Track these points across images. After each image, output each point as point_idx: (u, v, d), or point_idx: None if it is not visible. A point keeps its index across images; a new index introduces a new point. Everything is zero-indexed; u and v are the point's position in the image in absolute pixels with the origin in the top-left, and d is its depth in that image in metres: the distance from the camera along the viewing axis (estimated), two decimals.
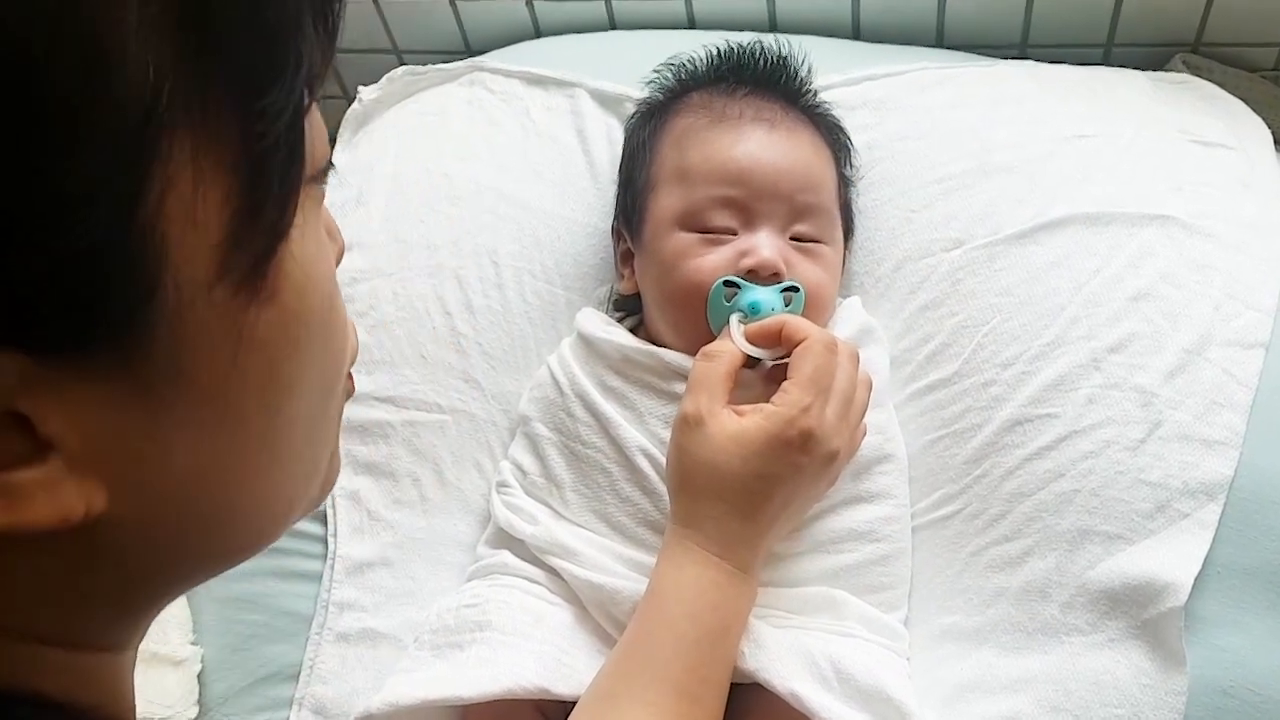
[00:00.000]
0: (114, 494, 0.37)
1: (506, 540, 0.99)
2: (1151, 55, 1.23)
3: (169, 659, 1.00)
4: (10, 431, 0.35)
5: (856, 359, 0.90)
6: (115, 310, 0.35)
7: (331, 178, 1.25)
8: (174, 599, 0.47)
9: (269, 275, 0.39)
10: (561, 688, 0.88)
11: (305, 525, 1.05)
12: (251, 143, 0.36)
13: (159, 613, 0.48)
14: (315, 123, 0.41)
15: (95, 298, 0.34)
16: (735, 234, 0.96)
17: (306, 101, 0.38)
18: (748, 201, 0.96)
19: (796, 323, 0.90)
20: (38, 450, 0.35)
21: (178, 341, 0.36)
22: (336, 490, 1.05)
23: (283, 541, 1.02)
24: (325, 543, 1.05)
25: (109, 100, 0.32)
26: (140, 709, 0.49)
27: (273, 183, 0.37)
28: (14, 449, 0.35)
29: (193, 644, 1.03)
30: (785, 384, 0.86)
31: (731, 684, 0.85)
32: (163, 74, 0.33)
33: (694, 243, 0.96)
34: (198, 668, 1.02)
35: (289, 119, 0.37)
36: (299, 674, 1.01)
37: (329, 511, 1.05)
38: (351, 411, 1.05)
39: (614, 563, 0.94)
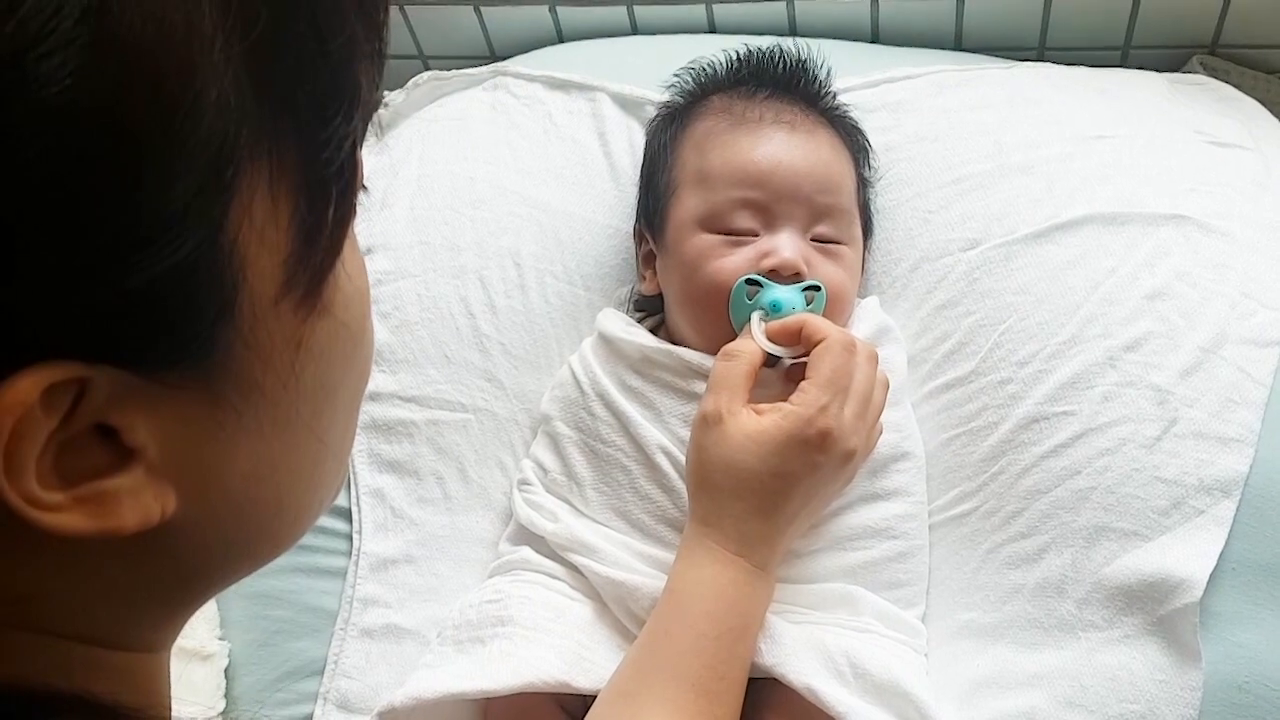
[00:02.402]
0: (183, 497, 0.40)
1: (528, 537, 1.00)
2: (1169, 57, 1.23)
3: (197, 653, 1.01)
4: (101, 442, 0.37)
5: (875, 359, 0.91)
6: (200, 327, 0.37)
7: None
8: (212, 597, 0.49)
9: (325, 290, 0.41)
10: (582, 681, 0.88)
11: (330, 522, 1.06)
12: (317, 168, 0.39)
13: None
14: None
15: (183, 316, 0.36)
16: (757, 235, 0.97)
17: (362, 129, 0.41)
18: (769, 203, 0.97)
19: (816, 322, 0.90)
20: (122, 459, 0.38)
21: (249, 353, 0.39)
22: (361, 488, 1.06)
23: (308, 538, 1.04)
24: (350, 539, 1.05)
25: (195, 135, 0.34)
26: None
27: (333, 204, 0.40)
28: (104, 459, 0.37)
29: (220, 639, 1.04)
30: (803, 383, 0.87)
31: (748, 679, 0.86)
32: (242, 109, 0.35)
33: (716, 244, 0.97)
34: (225, 662, 1.03)
35: (349, 145, 0.40)
36: (324, 669, 1.01)
37: (353, 509, 1.05)
38: (376, 411, 1.07)
39: (633, 559, 0.94)
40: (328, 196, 0.39)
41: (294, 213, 0.38)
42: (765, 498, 0.85)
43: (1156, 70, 1.17)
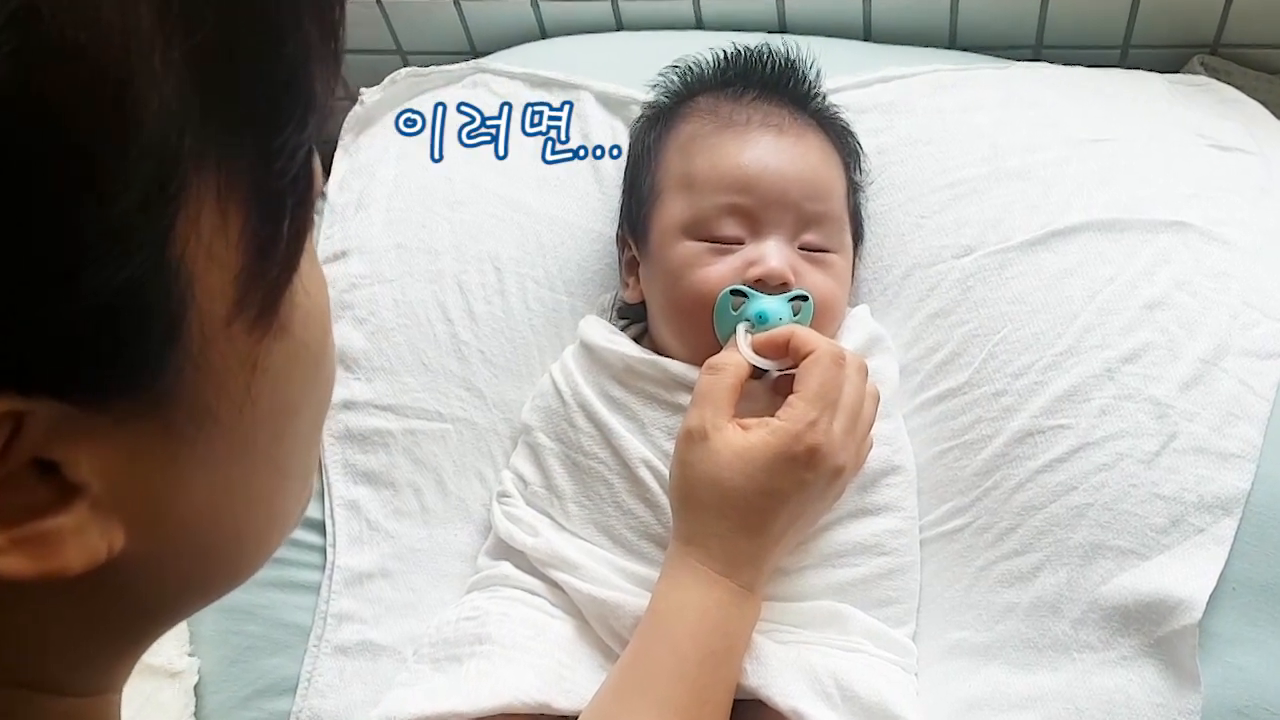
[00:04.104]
0: (132, 532, 0.38)
1: (507, 551, 0.98)
2: (1169, 57, 1.22)
3: (165, 671, 1.00)
4: (41, 479, 0.35)
5: (865, 372, 0.89)
6: (145, 352, 0.35)
7: (332, 182, 1.24)
8: (166, 632, 0.47)
9: (281, 307, 0.39)
10: (562, 702, 0.87)
11: (304, 535, 1.04)
12: (270, 178, 0.37)
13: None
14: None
15: (126, 342, 0.34)
16: (742, 243, 0.95)
17: (317, 136, 0.39)
18: (755, 210, 0.95)
19: (804, 334, 0.89)
20: (65, 496, 0.36)
21: (200, 378, 0.37)
22: (335, 499, 1.04)
23: (281, 551, 1.01)
24: (324, 553, 1.04)
25: (136, 146, 0.32)
26: None
27: (288, 216, 0.38)
28: (45, 496, 0.35)
29: (190, 655, 1.02)
30: (791, 398, 0.86)
31: (733, 700, 0.84)
32: (187, 117, 0.33)
33: (700, 252, 0.95)
34: (194, 680, 1.01)
35: (303, 155, 0.38)
36: (297, 687, 1.00)
37: (327, 521, 1.04)
38: (351, 420, 1.06)
39: (615, 576, 0.93)
40: (281, 208, 0.38)
41: (246, 226, 0.36)
42: (751, 516, 0.84)
43: (1156, 71, 1.16)
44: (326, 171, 1.20)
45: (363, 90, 1.20)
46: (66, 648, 0.41)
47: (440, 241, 1.10)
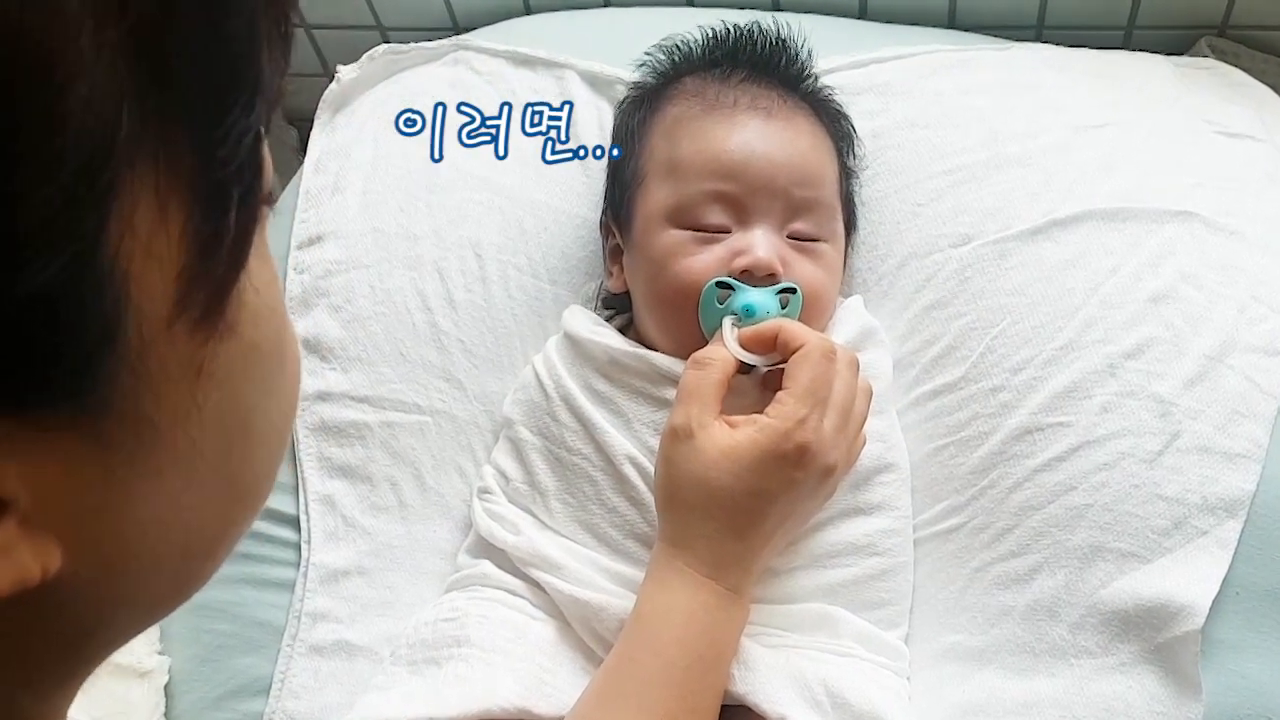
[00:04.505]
0: (69, 551, 0.36)
1: (487, 550, 0.97)
2: (1175, 39, 1.21)
3: (134, 670, 0.98)
4: None
5: (856, 367, 0.87)
6: (76, 358, 0.33)
7: (308, 163, 1.21)
8: (111, 654, 0.45)
9: (228, 306, 0.37)
10: (543, 708, 0.86)
11: (278, 531, 1.02)
12: (213, 169, 0.35)
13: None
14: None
15: (56, 346, 0.32)
16: (729, 232, 0.93)
17: (266, 122, 0.37)
18: (742, 197, 0.93)
19: (793, 328, 0.87)
20: None
21: (139, 385, 0.35)
22: (310, 494, 1.02)
23: (254, 547, 1.01)
24: (298, 549, 1.02)
25: (62, 137, 0.30)
26: None
27: (233, 210, 0.36)
28: None
29: (160, 654, 1.00)
30: (780, 394, 0.84)
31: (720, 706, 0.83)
32: (120, 102, 0.31)
33: (685, 241, 0.93)
34: (164, 679, 0.99)
35: (250, 142, 0.36)
36: (270, 688, 0.98)
37: (302, 517, 1.02)
38: (326, 411, 1.04)
39: (599, 577, 0.91)
40: (227, 201, 0.35)
41: (188, 221, 0.34)
42: (739, 517, 0.82)
43: (1162, 53, 1.15)
44: (302, 151, 1.17)
45: (339, 67, 1.18)
46: (6, 679, 0.39)
47: (419, 226, 1.07)
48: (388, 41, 1.22)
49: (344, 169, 1.11)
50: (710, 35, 1.03)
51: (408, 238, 1.07)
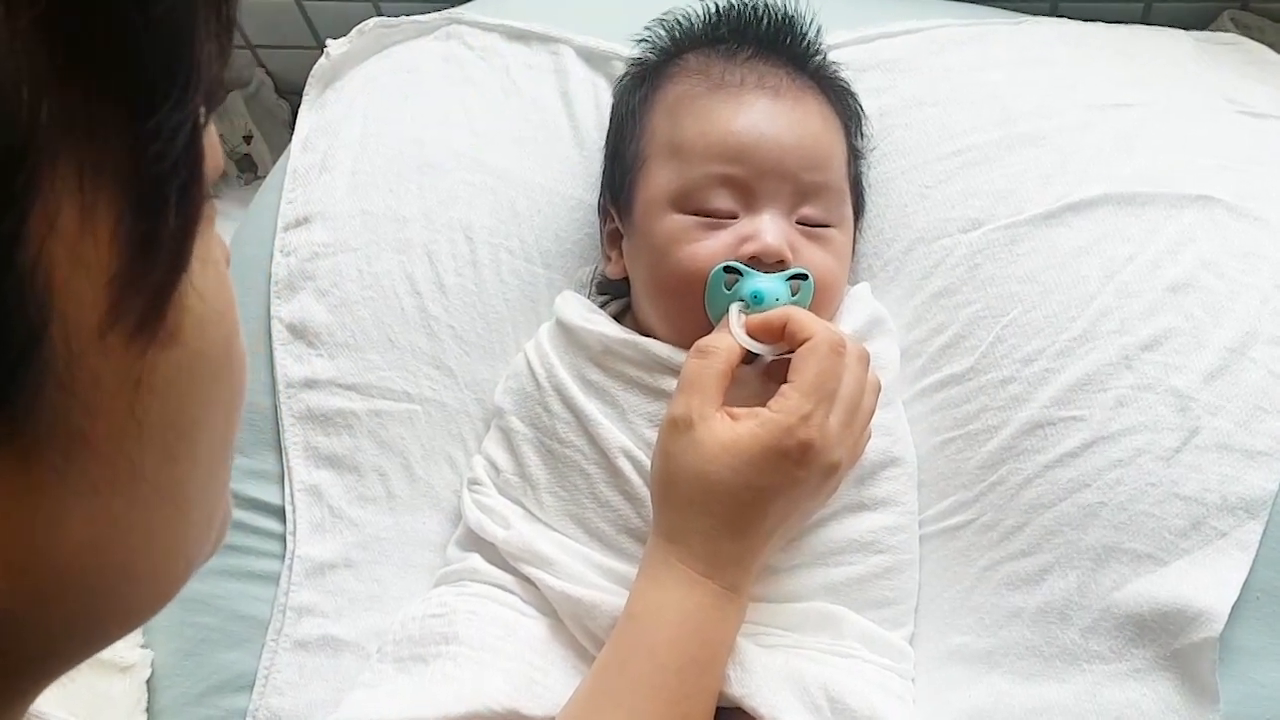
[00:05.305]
0: (1, 576, 0.35)
1: (477, 543, 0.95)
2: (1196, 11, 1.19)
3: (115, 664, 0.96)
4: None
5: (866, 361, 0.85)
6: None
7: (296, 141, 1.18)
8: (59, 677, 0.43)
9: (168, 313, 0.36)
10: (533, 708, 0.84)
11: (263, 522, 1.01)
12: (144, 165, 0.33)
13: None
14: (208, 132, 0.37)
15: None
16: (736, 217, 0.91)
17: (204, 114, 0.35)
18: (749, 181, 0.90)
19: (802, 317, 0.84)
20: None
21: (67, 400, 0.34)
22: (296, 484, 1.00)
23: (239, 539, 0.98)
24: (283, 541, 1.00)
25: None
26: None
27: (170, 210, 0.34)
28: None
29: (142, 648, 0.99)
30: (785, 388, 0.81)
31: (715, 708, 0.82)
32: (39, 93, 0.30)
33: (690, 226, 0.90)
34: (146, 673, 0.98)
35: (186, 136, 0.34)
36: (254, 683, 0.96)
37: (287, 507, 1.00)
38: (313, 399, 1.02)
39: (591, 573, 0.90)
40: (162, 200, 0.34)
41: (119, 222, 0.33)
42: (737, 513, 0.80)
43: (1182, 27, 1.13)
44: (291, 127, 1.14)
45: (329, 41, 1.16)
46: None
47: (409, 208, 1.05)
48: (380, 14, 1.20)
49: (332, 147, 1.09)
50: (714, 10, 1.00)
51: (397, 220, 1.05)
